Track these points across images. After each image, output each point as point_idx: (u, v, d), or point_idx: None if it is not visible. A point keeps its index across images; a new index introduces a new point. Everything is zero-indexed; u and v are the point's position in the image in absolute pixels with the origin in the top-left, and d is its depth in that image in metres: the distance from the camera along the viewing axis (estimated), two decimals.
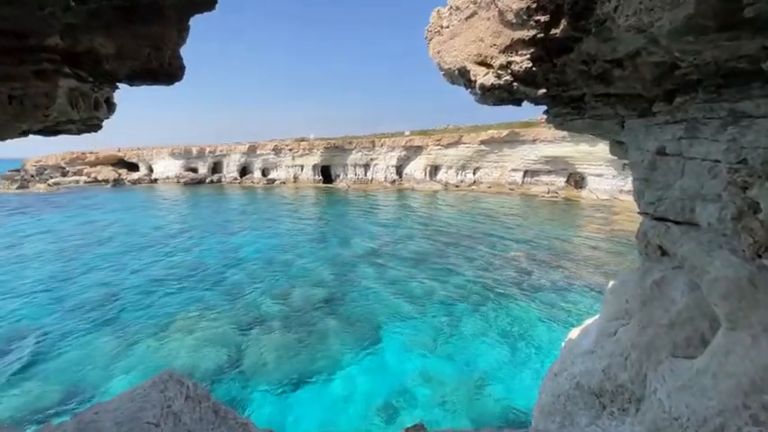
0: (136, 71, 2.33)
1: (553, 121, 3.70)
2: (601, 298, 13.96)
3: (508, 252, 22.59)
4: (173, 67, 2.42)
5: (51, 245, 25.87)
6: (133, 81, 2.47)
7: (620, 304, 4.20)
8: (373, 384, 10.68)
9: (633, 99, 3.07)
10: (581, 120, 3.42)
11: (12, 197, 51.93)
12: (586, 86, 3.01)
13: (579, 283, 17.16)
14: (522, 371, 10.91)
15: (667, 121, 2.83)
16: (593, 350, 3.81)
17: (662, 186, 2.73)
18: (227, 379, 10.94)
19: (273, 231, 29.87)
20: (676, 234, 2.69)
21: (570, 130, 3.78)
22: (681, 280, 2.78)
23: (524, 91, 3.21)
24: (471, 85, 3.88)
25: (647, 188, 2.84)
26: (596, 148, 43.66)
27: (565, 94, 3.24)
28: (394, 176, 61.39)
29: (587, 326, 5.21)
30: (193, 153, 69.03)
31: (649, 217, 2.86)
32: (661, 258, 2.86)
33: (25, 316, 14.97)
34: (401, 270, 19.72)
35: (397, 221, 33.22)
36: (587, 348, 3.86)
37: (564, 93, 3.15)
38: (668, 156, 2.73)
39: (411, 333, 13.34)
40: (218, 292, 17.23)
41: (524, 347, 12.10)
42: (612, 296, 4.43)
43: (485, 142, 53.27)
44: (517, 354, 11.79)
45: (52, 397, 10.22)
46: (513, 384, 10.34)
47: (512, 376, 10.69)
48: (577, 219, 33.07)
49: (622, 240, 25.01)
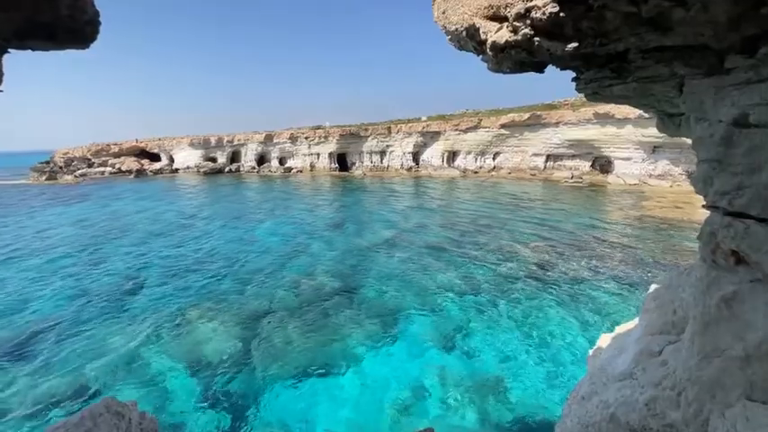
0: (24, 28, 1.76)
1: (585, 90, 2.93)
2: (632, 292, 13.00)
3: (530, 241, 21.58)
4: (76, 22, 1.83)
5: (73, 234, 26.52)
6: (25, 42, 1.89)
7: (667, 315, 3.44)
8: (386, 379, 10.26)
9: (697, 52, 2.29)
10: (623, 85, 2.65)
11: (40, 188, 53.95)
12: (633, 37, 2.24)
13: (607, 275, 16.11)
14: (542, 374, 10.17)
15: (749, 80, 2.05)
16: (631, 373, 3.11)
17: (742, 170, 1.98)
18: (239, 368, 10.80)
19: (290, 220, 29.72)
20: (761, 236, 1.95)
21: (607, 99, 3.00)
22: (763, 299, 2.04)
23: (548, 47, 2.47)
24: (482, 49, 3.13)
25: (720, 173, 2.08)
26: (624, 130, 41.33)
27: (602, 50, 2.47)
28: (410, 163, 60.29)
29: (620, 335, 4.46)
30: (212, 143, 69.78)
31: (720, 212, 2.12)
32: (735, 268, 2.12)
33: (44, 304, 15.24)
34: (417, 260, 19.11)
35: (414, 209, 32.46)
36: (624, 370, 3.17)
37: (601, 47, 2.39)
38: (752, 127, 1.96)
39: (426, 326, 12.80)
40: (233, 280, 17.14)
41: (546, 348, 11.32)
42: (656, 304, 3.67)
43: (505, 126, 51.36)
44: (537, 354, 11.03)
45: (62, 388, 10.25)
46: (531, 389, 9.63)
47: (530, 379, 9.97)
48: (604, 205, 31.43)
49: (653, 227, 23.55)
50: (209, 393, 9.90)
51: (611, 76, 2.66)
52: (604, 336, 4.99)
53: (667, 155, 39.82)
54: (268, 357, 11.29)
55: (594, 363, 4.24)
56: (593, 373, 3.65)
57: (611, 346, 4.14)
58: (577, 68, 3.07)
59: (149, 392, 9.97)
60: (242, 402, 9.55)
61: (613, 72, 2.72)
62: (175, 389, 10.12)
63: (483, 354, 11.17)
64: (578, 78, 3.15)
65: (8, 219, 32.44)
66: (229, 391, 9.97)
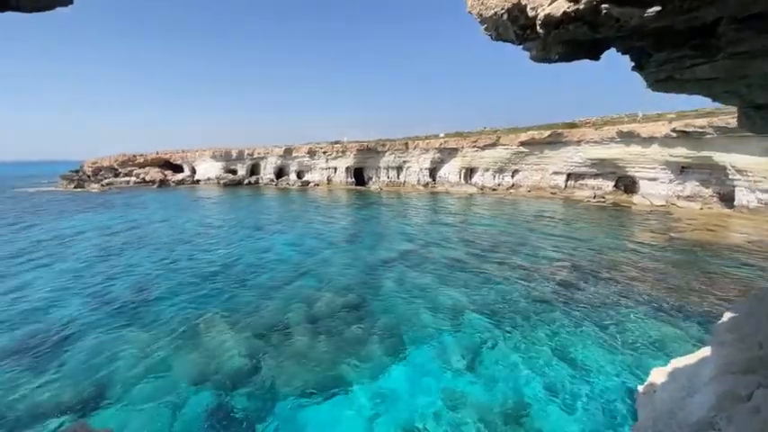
0: None
1: (656, 74, 2.46)
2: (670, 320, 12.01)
3: (552, 260, 20.66)
4: None
5: (94, 241, 26.99)
6: None
7: (752, 350, 2.84)
8: (397, 403, 9.60)
9: None
10: (709, 64, 2.17)
11: (68, 196, 55.83)
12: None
13: (638, 300, 15.09)
14: (567, 406, 9.31)
15: None
16: (711, 422, 2.51)
17: None
18: (244, 385, 10.34)
19: (307, 232, 29.56)
20: None
21: (681, 86, 2.52)
22: None
23: (618, 16, 2.02)
24: (525, 34, 2.71)
25: None
26: (650, 149, 40.04)
27: (683, 19, 2.00)
28: (427, 179, 59.94)
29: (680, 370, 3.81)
30: (233, 155, 71.28)
31: None
32: None
33: (58, 308, 15.25)
34: (432, 278, 18.45)
35: (431, 225, 31.87)
36: (701, 417, 2.57)
37: (688, 14, 1.93)
38: None
39: (441, 348, 12.10)
40: (248, 291, 16.88)
41: (570, 377, 10.44)
42: (733, 336, 3.06)
43: (524, 143, 50.66)
44: (560, 383, 10.16)
45: (71, 393, 10.03)
46: (554, 424, 8.78)
47: (553, 413, 9.11)
48: (630, 225, 30.12)
49: (685, 250, 22.26)
50: (216, 407, 9.47)
51: (694, 54, 2.20)
52: (657, 370, 4.33)
53: (697, 175, 38.22)
54: (278, 373, 10.83)
55: (651, 402, 3.61)
56: (656, 417, 3.04)
57: (670, 383, 3.52)
58: (644, 52, 2.62)
59: (145, 405, 9.60)
60: (249, 418, 9.07)
61: (694, 50, 2.25)
62: (183, 400, 9.73)
63: (501, 379, 10.39)
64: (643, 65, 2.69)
65: (34, 223, 33.41)
66: (237, 406, 9.52)
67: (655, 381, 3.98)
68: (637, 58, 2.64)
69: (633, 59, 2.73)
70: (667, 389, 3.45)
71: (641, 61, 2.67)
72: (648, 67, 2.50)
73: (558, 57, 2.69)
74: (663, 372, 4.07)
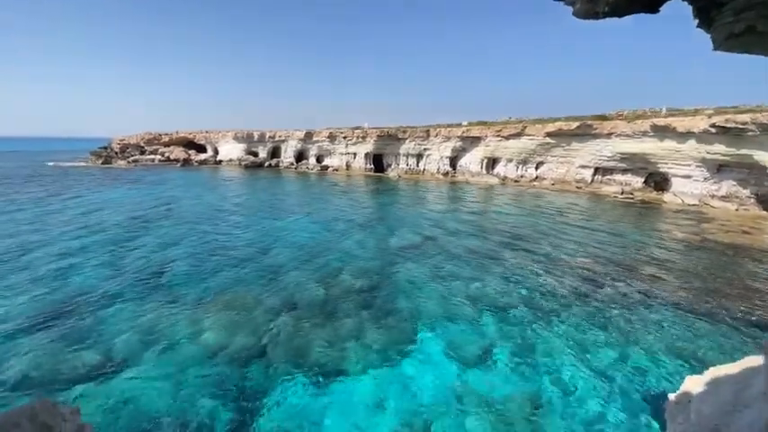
0: None
1: (732, 27, 2.01)
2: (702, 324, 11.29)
3: (576, 256, 19.91)
4: None
5: (117, 215, 27.84)
6: None
7: None
8: (406, 392, 9.43)
9: None
10: None
11: (100, 171, 57.78)
12: None
13: (666, 302, 14.34)
14: (583, 409, 8.90)
15: None
16: None
17: None
18: (252, 363, 10.43)
19: (323, 216, 29.59)
20: None
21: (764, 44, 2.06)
22: None
23: None
24: None
25: None
26: (685, 145, 37.86)
27: None
28: (447, 168, 58.84)
29: (721, 381, 3.39)
30: (255, 137, 71.91)
31: None
32: None
33: (77, 279, 15.76)
34: (449, 268, 18.08)
35: (449, 214, 31.29)
36: None
37: None
38: None
39: (453, 339, 11.82)
40: (258, 272, 16.99)
41: (588, 378, 9.98)
42: None
43: (551, 134, 48.80)
44: (577, 385, 9.72)
45: (83, 359, 10.33)
46: (567, 426, 8.39)
47: (567, 415, 8.70)
48: (659, 224, 28.71)
49: (719, 252, 21.04)
50: (219, 383, 9.56)
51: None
52: (691, 378, 3.92)
53: (734, 174, 35.97)
54: (285, 354, 10.84)
55: (685, 413, 3.23)
56: (695, 431, 2.66)
57: (710, 394, 3.12)
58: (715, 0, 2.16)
59: (159, 374, 9.79)
60: (252, 397, 9.11)
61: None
62: (187, 374, 9.87)
63: (513, 376, 10.05)
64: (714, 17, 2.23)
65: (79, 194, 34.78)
66: (240, 384, 9.59)
67: (689, 390, 3.59)
68: (706, 7, 2.19)
69: (700, 12, 2.27)
70: (707, 400, 3.05)
71: (711, 13, 2.21)
72: (721, 17, 2.05)
73: (608, 8, 2.26)
74: (699, 381, 3.65)
